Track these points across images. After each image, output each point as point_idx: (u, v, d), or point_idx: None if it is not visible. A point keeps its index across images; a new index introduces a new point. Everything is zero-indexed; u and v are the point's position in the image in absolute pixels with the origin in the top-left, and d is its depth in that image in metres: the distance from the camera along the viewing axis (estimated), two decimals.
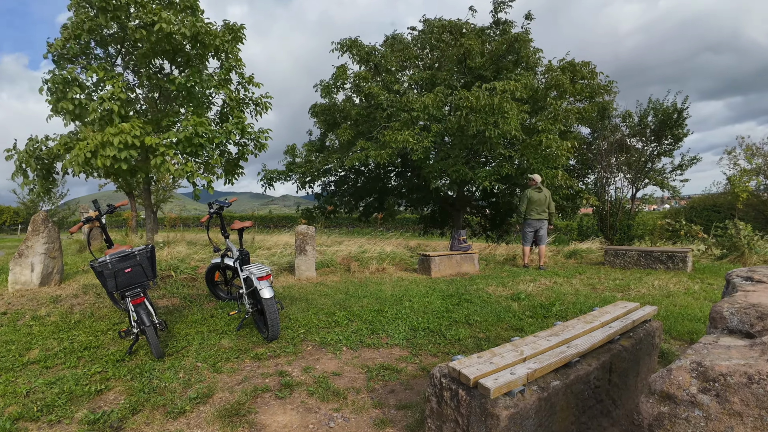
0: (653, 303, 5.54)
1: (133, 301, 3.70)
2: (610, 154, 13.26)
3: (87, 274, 6.05)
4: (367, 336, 4.36)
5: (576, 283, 7.18)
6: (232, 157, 9.90)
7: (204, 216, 4.95)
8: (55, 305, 4.97)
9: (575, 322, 3.03)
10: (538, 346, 2.48)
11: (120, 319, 4.70)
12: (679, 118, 13.06)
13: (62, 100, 7.63)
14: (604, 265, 9.13)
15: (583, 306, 5.42)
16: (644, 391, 1.56)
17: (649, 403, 1.51)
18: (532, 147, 9.64)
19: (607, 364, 2.59)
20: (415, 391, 3.16)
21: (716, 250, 9.95)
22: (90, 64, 8.30)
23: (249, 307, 4.32)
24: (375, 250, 9.44)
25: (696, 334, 4.27)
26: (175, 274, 6.17)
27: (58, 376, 3.35)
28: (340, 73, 11.59)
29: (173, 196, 27.01)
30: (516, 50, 11.16)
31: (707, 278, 7.31)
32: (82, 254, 7.87)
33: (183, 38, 8.13)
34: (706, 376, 1.43)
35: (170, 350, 3.89)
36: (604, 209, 13.48)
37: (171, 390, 3.15)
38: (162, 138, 7.94)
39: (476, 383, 2.07)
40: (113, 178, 9.26)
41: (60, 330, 4.36)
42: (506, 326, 4.65)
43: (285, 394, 3.10)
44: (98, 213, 4.43)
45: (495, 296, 6.13)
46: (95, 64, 8.17)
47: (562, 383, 2.23)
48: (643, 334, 3.04)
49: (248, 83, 9.87)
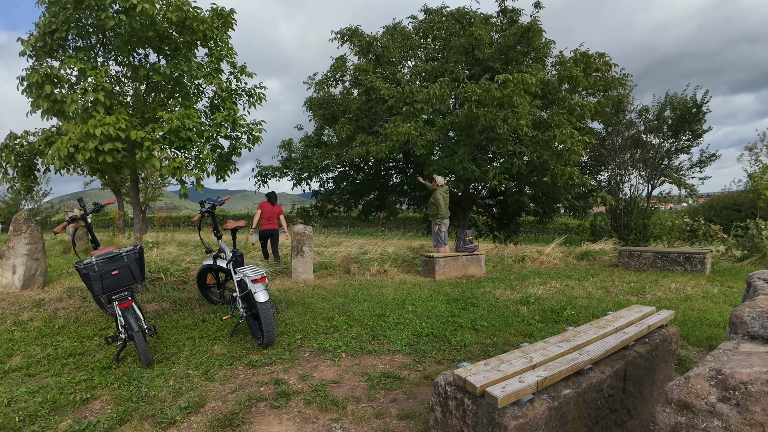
0: (670, 307, 5.54)
1: (120, 305, 3.70)
2: (625, 150, 13.25)
3: (72, 277, 6.06)
4: (367, 342, 4.36)
5: (588, 286, 7.17)
6: (224, 151, 9.89)
7: (195, 215, 4.96)
8: (38, 309, 4.98)
9: (587, 327, 3.03)
10: (549, 353, 2.48)
11: (107, 324, 4.71)
12: (698, 113, 13.05)
13: (40, 97, 7.64)
14: (618, 266, 9.12)
15: (595, 310, 5.42)
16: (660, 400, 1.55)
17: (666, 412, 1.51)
18: (544, 142, 9.63)
19: (621, 371, 2.59)
20: (419, 400, 3.16)
21: (736, 251, 9.95)
22: (69, 56, 8.30)
23: (243, 312, 4.33)
24: (376, 251, 9.45)
25: (715, 340, 4.28)
26: (164, 277, 6.17)
27: (41, 384, 3.35)
28: (339, 65, 11.57)
29: (163, 194, 27.08)
30: (528, 40, 11.14)
31: (727, 281, 7.31)
32: (66, 255, 7.88)
33: (168, 23, 8.09)
34: (726, 384, 1.43)
35: (160, 357, 3.89)
36: (618, 208, 13.48)
37: (160, 399, 3.15)
38: (148, 131, 7.94)
39: (483, 392, 2.07)
40: (99, 174, 9.28)
41: (43, 335, 4.37)
42: (515, 332, 4.66)
43: (281, 404, 3.11)
44: (84, 212, 4.44)
45: (503, 300, 6.13)
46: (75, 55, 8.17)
47: (573, 392, 2.23)
48: (660, 339, 3.04)
49: (240, 73, 9.86)
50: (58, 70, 7.94)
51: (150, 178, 23.25)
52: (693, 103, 13.01)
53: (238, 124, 9.20)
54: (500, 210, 14.29)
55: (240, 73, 9.85)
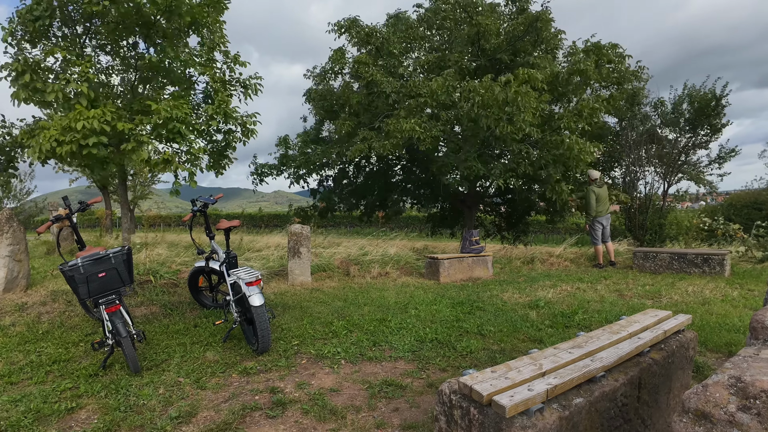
0: (687, 311, 5.53)
1: (107, 309, 3.70)
2: (640, 146, 13.22)
3: (56, 279, 6.07)
4: (368, 348, 4.37)
5: (601, 288, 7.17)
6: (219, 146, 9.88)
7: (186, 214, 4.96)
8: (20, 314, 4.99)
9: (600, 332, 3.03)
10: (559, 360, 2.48)
11: (93, 330, 4.72)
12: (718, 106, 12.99)
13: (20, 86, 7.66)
14: (633, 268, 9.12)
15: (608, 315, 5.41)
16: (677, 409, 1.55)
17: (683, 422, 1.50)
18: (551, 144, 9.62)
19: (636, 379, 2.59)
20: (422, 409, 3.16)
21: (757, 252, 9.92)
22: (54, 45, 8.30)
23: (237, 316, 4.33)
24: (377, 253, 9.44)
25: (735, 346, 4.27)
26: (154, 279, 6.18)
27: (24, 392, 3.36)
28: (337, 57, 11.56)
29: (152, 193, 27.09)
30: (537, 30, 11.12)
31: (747, 283, 7.29)
32: (50, 257, 7.91)
33: (155, 7, 8.06)
34: (746, 392, 1.42)
35: (149, 364, 3.90)
36: (632, 207, 13.45)
37: (150, 408, 3.16)
38: (136, 123, 7.93)
39: (490, 400, 2.06)
40: (83, 170, 9.31)
41: (26, 341, 4.38)
42: (523, 337, 4.65)
43: (277, 413, 3.11)
44: (69, 211, 4.44)
45: (511, 304, 6.13)
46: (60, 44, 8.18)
47: (585, 401, 2.23)
48: (676, 345, 3.04)
49: (234, 62, 9.84)
50: (40, 58, 7.95)
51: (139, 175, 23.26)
52: (712, 95, 12.94)
53: (230, 116, 9.17)
54: (508, 209, 14.29)
55: (234, 63, 9.83)
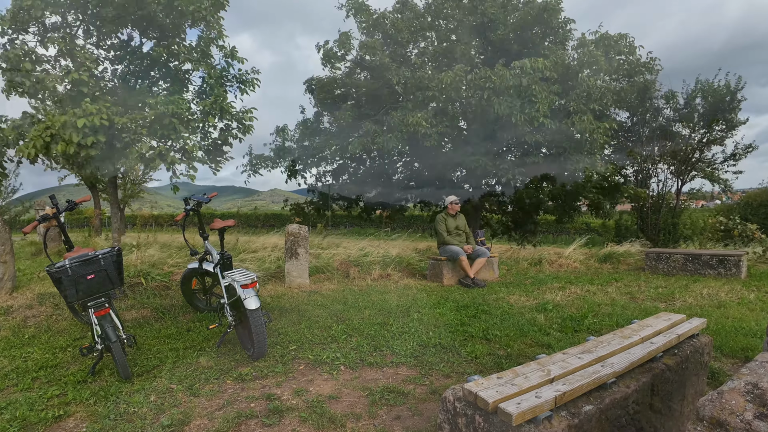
0: (701, 315, 5.52)
1: (96, 312, 3.70)
2: (652, 142, 13.19)
3: (43, 282, 6.07)
4: (368, 353, 4.36)
5: (612, 291, 7.16)
6: (217, 144, 9.91)
7: (179, 214, 4.95)
8: (5, 317, 5.00)
9: (611, 337, 3.03)
10: (568, 365, 2.47)
11: (81, 334, 4.72)
12: (732, 101, 12.95)
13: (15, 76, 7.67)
14: (645, 270, 9.11)
15: (619, 318, 5.41)
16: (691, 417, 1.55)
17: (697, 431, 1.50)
18: (563, 132, 9.63)
19: (648, 385, 2.59)
20: (425, 417, 3.16)
21: None
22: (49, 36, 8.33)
23: (231, 320, 4.33)
24: (378, 253, 9.44)
25: (751, 351, 4.26)
26: (145, 282, 6.19)
27: (9, 399, 3.36)
28: (344, 40, 11.61)
29: (144, 191, 27.09)
30: (545, 20, 11.13)
31: (764, 286, 7.29)
32: (37, 258, 7.92)
33: (156, 3, 8.09)
34: (764, 399, 1.42)
35: (140, 370, 3.90)
36: (645, 206, 13.42)
37: (141, 416, 3.16)
38: (131, 118, 7.95)
39: (496, 408, 2.06)
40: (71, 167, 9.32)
41: (12, 346, 4.38)
42: (530, 342, 4.65)
43: (273, 421, 3.11)
44: (56, 210, 4.44)
45: (517, 307, 6.13)
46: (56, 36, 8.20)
47: (595, 408, 2.23)
48: (690, 351, 3.03)
49: (230, 57, 9.87)
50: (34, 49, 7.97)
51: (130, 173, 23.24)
52: (726, 90, 12.90)
53: (226, 111, 9.21)
54: (516, 208, 14.29)
55: (230, 58, 9.86)
